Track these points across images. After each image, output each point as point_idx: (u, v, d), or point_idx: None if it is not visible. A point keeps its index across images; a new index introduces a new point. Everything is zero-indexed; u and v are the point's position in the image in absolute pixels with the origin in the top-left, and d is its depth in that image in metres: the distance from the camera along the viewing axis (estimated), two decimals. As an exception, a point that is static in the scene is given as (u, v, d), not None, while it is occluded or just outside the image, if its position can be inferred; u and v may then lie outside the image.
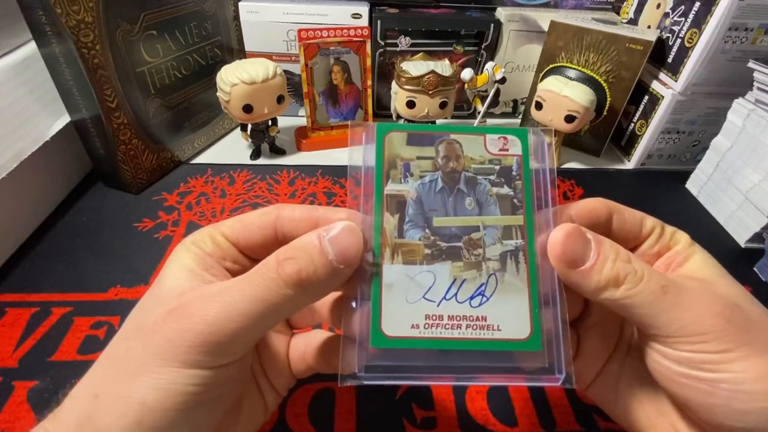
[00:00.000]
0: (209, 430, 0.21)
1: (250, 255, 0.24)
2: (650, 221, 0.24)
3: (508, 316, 0.20)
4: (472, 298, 0.21)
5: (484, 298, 0.21)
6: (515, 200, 0.22)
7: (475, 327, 0.20)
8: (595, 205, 0.23)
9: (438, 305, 0.20)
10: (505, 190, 0.22)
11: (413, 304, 0.20)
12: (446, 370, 0.21)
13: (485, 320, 0.20)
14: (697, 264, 0.22)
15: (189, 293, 0.20)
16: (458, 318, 0.20)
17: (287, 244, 0.21)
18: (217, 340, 0.18)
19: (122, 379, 0.18)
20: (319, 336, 0.26)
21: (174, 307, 0.19)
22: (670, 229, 0.24)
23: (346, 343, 0.21)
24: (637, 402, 0.24)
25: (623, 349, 0.26)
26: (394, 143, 0.23)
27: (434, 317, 0.20)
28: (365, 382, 0.20)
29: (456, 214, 0.22)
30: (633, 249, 0.24)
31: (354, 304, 0.21)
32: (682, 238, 0.23)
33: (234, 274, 0.22)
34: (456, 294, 0.21)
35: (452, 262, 0.21)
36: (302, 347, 0.26)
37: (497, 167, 0.22)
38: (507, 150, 0.23)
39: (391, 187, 0.22)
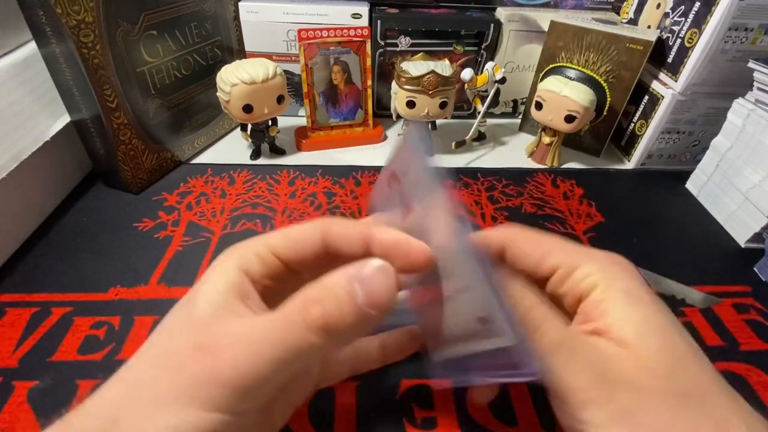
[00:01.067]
0: None
1: (296, 268, 0.23)
2: (554, 259, 0.22)
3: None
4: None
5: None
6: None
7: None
8: (491, 235, 0.23)
9: None
10: None
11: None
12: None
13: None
14: (614, 318, 0.20)
15: (217, 327, 0.19)
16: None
17: (340, 259, 0.20)
18: (243, 384, 0.18)
19: (145, 410, 0.18)
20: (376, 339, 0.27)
21: (202, 343, 0.19)
22: (584, 270, 0.21)
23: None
24: None
25: None
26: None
27: None
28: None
29: None
30: (541, 286, 0.22)
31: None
32: (599, 282, 0.21)
33: (268, 293, 0.22)
34: None
35: None
36: (349, 351, 0.26)
37: None
38: None
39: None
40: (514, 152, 0.62)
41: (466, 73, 0.56)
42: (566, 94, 0.52)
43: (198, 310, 0.20)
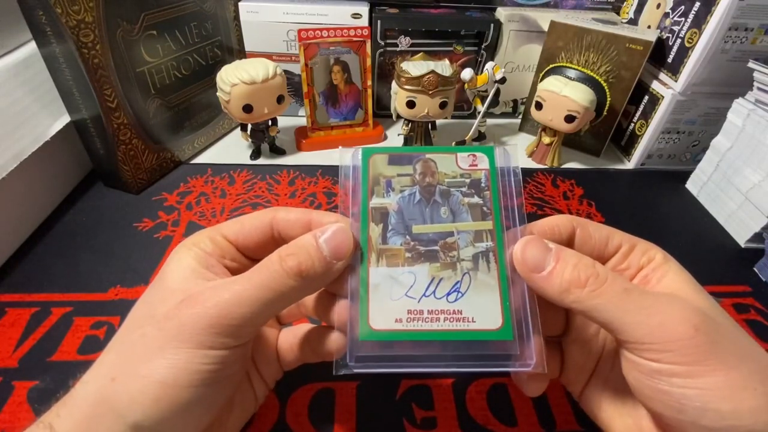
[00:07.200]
0: (215, 408, 0.22)
1: (247, 254, 0.25)
2: (617, 238, 0.25)
3: (482, 309, 0.23)
4: (448, 294, 0.23)
5: (460, 294, 0.23)
6: (485, 208, 0.25)
7: (452, 319, 0.22)
8: (557, 221, 0.25)
9: (418, 301, 0.23)
10: (476, 199, 0.25)
11: (397, 300, 0.23)
12: (428, 358, 0.23)
13: (461, 313, 0.23)
14: (671, 280, 0.23)
15: (198, 287, 0.21)
16: (437, 312, 0.23)
17: (285, 243, 0.22)
18: (229, 323, 0.20)
19: (139, 361, 0.20)
20: (306, 328, 0.28)
21: (184, 298, 0.20)
22: (642, 246, 0.24)
23: (338, 336, 0.24)
24: (618, 416, 0.25)
25: (607, 365, 0.26)
26: (378, 164, 0.25)
27: (415, 312, 0.23)
28: (355, 371, 0.22)
29: (432, 222, 0.24)
30: (603, 263, 0.24)
31: (345, 302, 0.23)
32: (657, 255, 0.24)
33: (233, 271, 0.24)
34: (434, 291, 0.23)
35: (430, 263, 0.23)
36: (291, 339, 0.28)
37: (468, 180, 0.25)
38: (476, 165, 0.25)
39: (375, 201, 0.25)
40: (514, 152, 0.62)
41: (466, 73, 0.56)
42: (566, 94, 0.52)
43: (173, 283, 0.22)
